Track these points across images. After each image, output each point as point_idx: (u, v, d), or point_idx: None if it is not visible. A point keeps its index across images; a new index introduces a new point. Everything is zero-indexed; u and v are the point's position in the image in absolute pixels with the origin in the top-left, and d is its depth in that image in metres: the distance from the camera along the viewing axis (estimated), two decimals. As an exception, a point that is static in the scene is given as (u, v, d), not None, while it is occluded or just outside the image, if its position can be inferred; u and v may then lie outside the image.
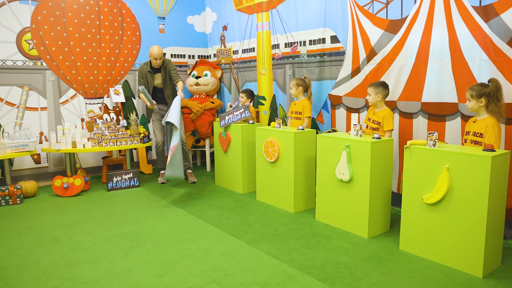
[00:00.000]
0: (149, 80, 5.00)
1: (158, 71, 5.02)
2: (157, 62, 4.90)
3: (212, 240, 3.26)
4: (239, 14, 5.62)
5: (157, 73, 5.03)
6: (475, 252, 2.59)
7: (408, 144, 2.89)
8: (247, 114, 4.60)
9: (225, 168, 4.94)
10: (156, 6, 6.02)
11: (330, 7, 4.26)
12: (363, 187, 3.23)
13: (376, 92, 3.47)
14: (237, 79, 5.89)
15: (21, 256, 3.02)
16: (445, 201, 2.71)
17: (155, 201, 4.41)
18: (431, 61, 3.42)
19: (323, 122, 4.54)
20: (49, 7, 5.13)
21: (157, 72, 5.02)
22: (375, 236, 3.30)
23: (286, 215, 3.88)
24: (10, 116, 5.05)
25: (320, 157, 3.58)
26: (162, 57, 4.94)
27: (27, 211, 4.15)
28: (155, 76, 5.04)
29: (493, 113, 2.77)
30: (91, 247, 3.17)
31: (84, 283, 2.59)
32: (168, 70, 5.03)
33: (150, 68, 4.98)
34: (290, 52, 4.85)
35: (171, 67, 5.05)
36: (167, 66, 5.02)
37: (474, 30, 3.10)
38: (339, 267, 2.74)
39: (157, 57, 4.87)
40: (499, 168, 2.56)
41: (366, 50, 3.94)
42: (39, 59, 5.16)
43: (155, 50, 4.86)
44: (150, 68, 4.98)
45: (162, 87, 5.08)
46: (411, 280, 2.55)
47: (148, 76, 4.99)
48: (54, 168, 5.38)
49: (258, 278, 2.60)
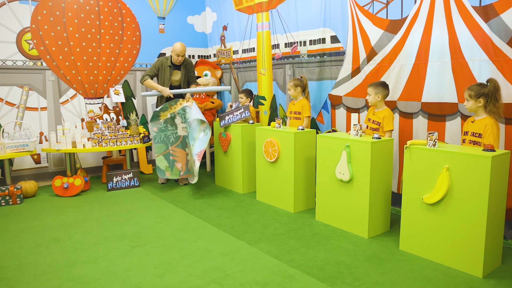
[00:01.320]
0: (167, 75, 4.91)
1: (178, 68, 4.94)
2: (179, 59, 4.82)
3: (212, 240, 3.26)
4: (239, 14, 5.62)
5: (176, 70, 4.95)
6: (475, 252, 2.59)
7: (408, 144, 2.89)
8: (247, 114, 4.60)
9: (225, 168, 4.94)
10: (156, 6, 6.02)
11: (330, 7, 4.26)
12: (363, 187, 3.23)
13: (376, 92, 3.47)
14: (237, 79, 5.89)
15: (21, 256, 3.02)
16: (445, 201, 2.71)
17: (155, 201, 4.41)
18: (431, 61, 3.42)
19: (323, 122, 4.54)
20: (49, 7, 5.13)
21: (177, 69, 4.94)
22: (375, 236, 3.30)
23: (286, 215, 3.89)
24: (10, 116, 5.05)
25: (320, 157, 3.58)
26: (184, 55, 4.88)
27: (27, 211, 4.15)
28: (174, 72, 4.94)
29: (492, 113, 2.77)
30: (91, 247, 3.17)
31: (84, 283, 2.59)
32: (187, 70, 4.99)
33: (170, 63, 4.90)
34: (290, 52, 4.86)
35: (191, 68, 5.03)
36: (188, 65, 4.99)
37: (474, 30, 3.10)
38: (339, 267, 2.74)
39: (179, 54, 4.79)
40: (499, 168, 2.56)
41: (366, 50, 3.94)
42: (39, 59, 5.16)
43: (178, 46, 4.78)
44: (170, 63, 4.90)
45: (179, 85, 5.00)
46: (411, 280, 2.55)
47: (167, 70, 4.90)
48: (54, 168, 5.38)
49: (258, 278, 2.60)
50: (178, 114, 4.82)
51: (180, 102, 4.85)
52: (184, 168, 4.84)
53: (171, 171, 4.82)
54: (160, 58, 4.99)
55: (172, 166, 4.80)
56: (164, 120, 4.83)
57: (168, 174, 4.86)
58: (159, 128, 4.83)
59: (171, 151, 4.84)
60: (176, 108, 4.86)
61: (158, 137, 4.84)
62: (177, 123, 4.86)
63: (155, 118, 4.84)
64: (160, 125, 4.83)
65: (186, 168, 4.83)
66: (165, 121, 4.83)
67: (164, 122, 4.83)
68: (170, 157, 4.81)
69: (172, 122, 4.86)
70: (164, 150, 4.82)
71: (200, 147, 4.47)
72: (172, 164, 4.80)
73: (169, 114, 4.84)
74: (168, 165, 4.80)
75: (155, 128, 4.83)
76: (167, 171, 4.83)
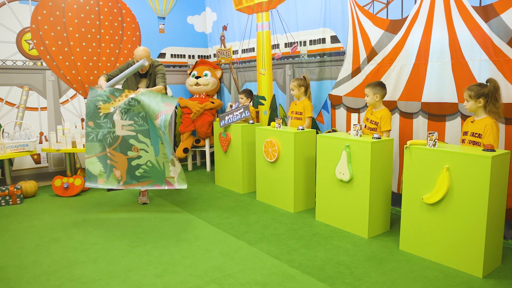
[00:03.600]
0: (130, 84, 4.23)
1: (144, 76, 4.23)
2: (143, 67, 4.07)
3: (212, 240, 3.26)
4: (239, 14, 5.62)
5: (143, 78, 4.25)
6: (475, 252, 2.59)
7: (408, 144, 2.89)
8: (247, 114, 4.60)
9: (225, 168, 4.94)
10: (156, 6, 6.02)
11: (330, 7, 4.26)
12: (363, 187, 3.23)
13: (374, 93, 3.47)
14: (237, 79, 5.89)
15: (21, 256, 3.02)
16: (445, 201, 2.71)
17: (155, 201, 4.40)
18: (431, 61, 3.42)
19: (323, 122, 4.54)
20: (49, 7, 5.13)
21: (143, 77, 4.25)
22: (375, 236, 3.30)
23: (286, 215, 3.89)
24: (10, 116, 5.05)
25: (320, 157, 3.58)
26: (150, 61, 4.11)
27: (27, 211, 4.15)
28: (140, 80, 4.25)
29: (492, 113, 2.76)
30: (91, 247, 3.17)
31: (84, 283, 2.59)
32: (155, 75, 4.20)
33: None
34: (290, 52, 4.85)
35: (160, 71, 4.18)
36: (155, 70, 4.20)
37: (474, 30, 3.10)
38: (339, 267, 2.74)
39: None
40: (499, 168, 2.56)
41: (366, 50, 3.94)
42: (39, 59, 5.15)
43: (140, 52, 4.05)
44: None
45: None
46: (411, 280, 2.55)
47: (132, 79, 4.21)
48: (54, 168, 5.38)
49: (258, 278, 2.60)
50: (119, 109, 3.78)
51: (126, 94, 3.86)
52: (124, 178, 3.77)
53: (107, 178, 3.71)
54: (128, 61, 4.29)
55: (109, 172, 3.69)
56: (104, 114, 3.80)
57: (101, 181, 3.77)
58: (96, 123, 3.78)
59: (108, 153, 3.77)
60: (120, 100, 3.83)
61: (94, 134, 3.77)
62: (115, 120, 3.77)
63: (93, 110, 3.79)
64: (99, 120, 3.79)
65: (127, 177, 3.77)
66: (106, 115, 3.79)
67: (104, 116, 3.80)
68: (108, 161, 3.72)
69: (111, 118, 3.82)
70: (100, 151, 3.75)
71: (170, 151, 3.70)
72: (110, 170, 3.69)
73: (112, 108, 3.80)
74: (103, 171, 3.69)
75: (91, 122, 3.79)
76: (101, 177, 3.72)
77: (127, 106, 3.74)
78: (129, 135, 3.75)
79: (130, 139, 3.75)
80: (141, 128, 3.77)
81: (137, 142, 3.75)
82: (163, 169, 3.75)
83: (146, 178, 3.74)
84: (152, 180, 3.77)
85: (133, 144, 3.74)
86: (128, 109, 3.75)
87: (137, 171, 3.67)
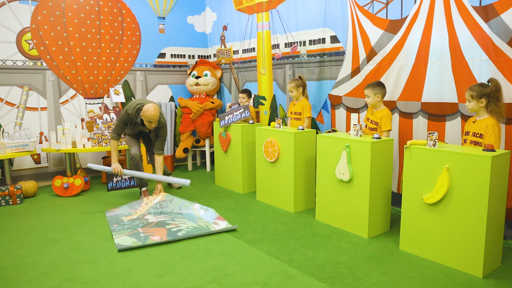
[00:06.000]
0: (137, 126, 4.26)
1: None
2: (151, 125, 4.04)
3: (212, 240, 3.26)
4: (239, 14, 5.62)
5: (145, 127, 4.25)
6: (475, 252, 2.59)
7: (408, 144, 2.89)
8: (247, 114, 4.60)
9: (225, 168, 4.94)
10: (156, 6, 6.02)
11: (330, 7, 4.26)
12: (363, 187, 3.23)
13: (375, 93, 3.47)
14: (237, 79, 5.89)
15: (21, 256, 3.02)
16: (445, 201, 2.71)
17: (155, 201, 4.40)
18: (431, 61, 3.42)
19: (323, 122, 4.54)
20: (49, 7, 5.13)
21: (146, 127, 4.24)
22: (375, 236, 3.30)
23: (286, 215, 3.88)
24: (10, 116, 5.05)
25: (320, 157, 3.58)
26: (157, 120, 4.05)
27: (27, 211, 4.15)
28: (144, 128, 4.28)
29: (493, 113, 2.76)
30: (91, 247, 3.17)
31: (84, 283, 2.59)
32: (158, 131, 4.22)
33: (141, 122, 4.16)
34: (290, 52, 4.85)
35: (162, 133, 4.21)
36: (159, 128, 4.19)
37: (474, 30, 3.10)
38: (339, 267, 2.74)
39: (152, 120, 3.99)
40: (499, 168, 2.56)
41: (366, 50, 3.94)
42: (39, 59, 5.16)
43: (151, 112, 3.91)
44: (141, 121, 4.15)
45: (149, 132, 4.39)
46: (411, 280, 2.55)
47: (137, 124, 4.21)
48: (54, 168, 5.38)
49: (258, 278, 2.60)
50: (148, 214, 3.83)
51: (146, 202, 3.96)
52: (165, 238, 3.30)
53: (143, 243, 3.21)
54: (130, 114, 4.11)
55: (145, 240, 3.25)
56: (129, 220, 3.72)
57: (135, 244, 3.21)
58: (120, 224, 3.61)
59: (141, 231, 3.44)
60: (143, 210, 3.88)
61: (120, 227, 3.55)
62: (148, 219, 3.73)
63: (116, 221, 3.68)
64: (123, 222, 3.66)
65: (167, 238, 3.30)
66: (131, 221, 3.69)
67: (129, 220, 3.71)
68: (141, 235, 3.36)
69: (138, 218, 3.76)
70: (130, 231, 3.43)
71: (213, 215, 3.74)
72: (145, 239, 3.27)
73: (135, 216, 3.78)
74: (138, 241, 3.24)
75: (115, 224, 3.62)
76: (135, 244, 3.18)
77: (159, 209, 3.90)
78: (164, 220, 3.67)
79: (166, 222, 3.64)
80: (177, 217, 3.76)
81: (173, 221, 3.66)
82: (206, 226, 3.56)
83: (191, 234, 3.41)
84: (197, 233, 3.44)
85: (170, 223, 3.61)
86: (161, 211, 3.88)
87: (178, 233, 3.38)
